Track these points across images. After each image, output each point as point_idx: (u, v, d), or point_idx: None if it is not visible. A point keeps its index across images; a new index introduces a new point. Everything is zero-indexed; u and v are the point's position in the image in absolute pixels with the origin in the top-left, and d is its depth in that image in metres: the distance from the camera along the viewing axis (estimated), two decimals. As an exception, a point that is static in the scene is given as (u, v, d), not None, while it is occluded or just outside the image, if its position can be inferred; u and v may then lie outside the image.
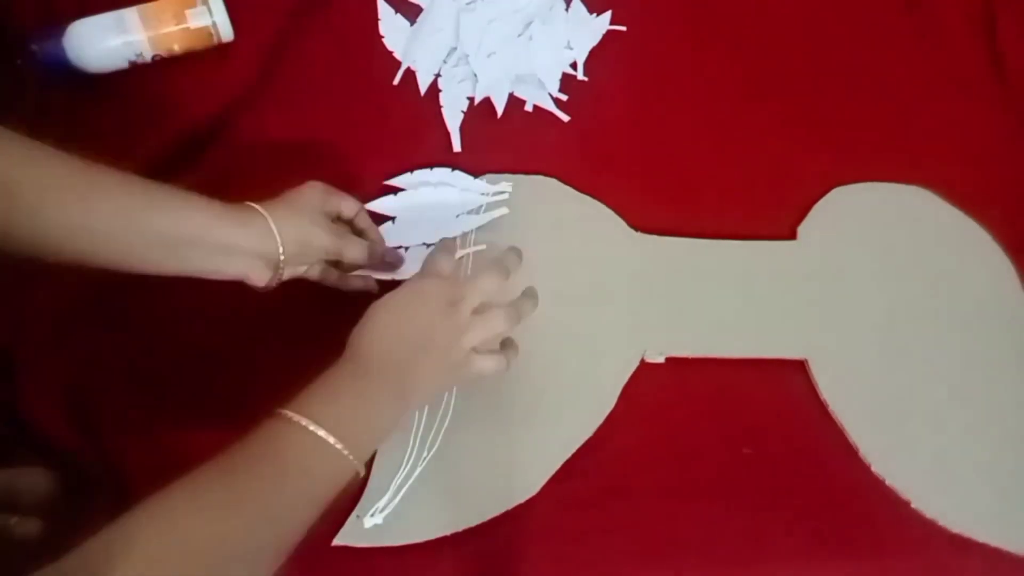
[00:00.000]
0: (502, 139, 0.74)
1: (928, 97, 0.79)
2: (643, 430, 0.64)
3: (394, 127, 0.74)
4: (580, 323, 0.67)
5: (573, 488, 0.61)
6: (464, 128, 0.74)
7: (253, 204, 0.57)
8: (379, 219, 0.69)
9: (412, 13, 0.79)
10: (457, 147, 0.73)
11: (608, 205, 0.71)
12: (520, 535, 0.59)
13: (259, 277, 0.57)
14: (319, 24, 0.78)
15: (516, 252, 0.61)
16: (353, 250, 0.61)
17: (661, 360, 0.66)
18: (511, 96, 0.76)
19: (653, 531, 0.61)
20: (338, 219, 0.63)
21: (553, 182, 0.72)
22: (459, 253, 0.67)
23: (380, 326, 0.53)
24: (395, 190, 0.71)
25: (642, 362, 0.66)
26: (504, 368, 0.57)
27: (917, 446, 0.65)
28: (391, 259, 0.66)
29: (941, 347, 0.68)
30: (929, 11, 0.83)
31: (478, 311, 0.55)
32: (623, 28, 0.81)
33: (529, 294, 0.59)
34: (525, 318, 0.58)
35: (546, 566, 0.59)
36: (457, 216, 0.70)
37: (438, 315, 0.54)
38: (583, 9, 0.81)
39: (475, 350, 0.55)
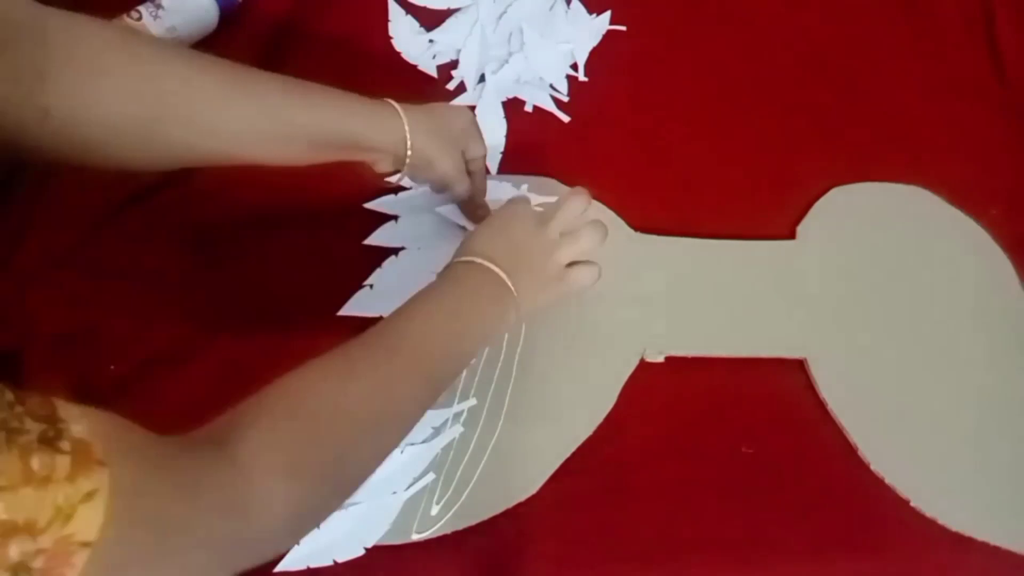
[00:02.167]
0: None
1: (927, 97, 0.79)
2: (643, 430, 0.64)
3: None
4: (580, 323, 0.67)
5: (573, 488, 0.61)
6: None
7: (395, 105, 0.59)
8: (381, 218, 0.69)
9: (422, 15, 0.79)
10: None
11: (608, 205, 0.71)
12: (520, 534, 0.59)
13: (384, 168, 0.61)
14: (326, 20, 0.78)
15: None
16: (462, 188, 0.64)
17: (661, 359, 0.66)
18: (512, 97, 0.76)
19: (653, 531, 0.61)
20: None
21: (553, 182, 0.72)
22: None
23: (478, 244, 0.57)
24: (396, 189, 0.71)
25: (642, 361, 0.66)
26: (598, 276, 0.61)
27: (916, 445, 0.65)
28: (481, 212, 0.68)
29: (940, 346, 0.69)
30: (928, 11, 0.83)
31: (565, 232, 0.59)
32: (623, 28, 0.81)
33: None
34: (605, 239, 0.61)
35: (546, 566, 0.59)
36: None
37: (530, 234, 0.58)
38: (583, 9, 0.81)
39: (567, 266, 0.59)
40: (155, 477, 0.35)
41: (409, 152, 0.59)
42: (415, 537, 0.58)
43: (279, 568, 0.56)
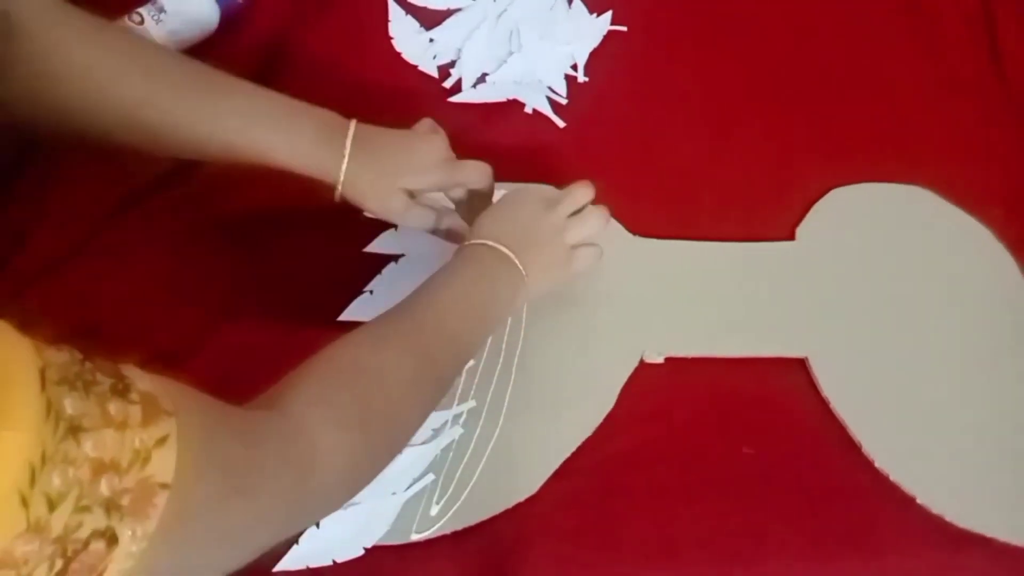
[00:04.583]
0: (501, 142, 0.74)
1: (928, 97, 0.79)
2: (643, 430, 0.64)
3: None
4: (580, 323, 0.67)
5: (573, 488, 0.61)
6: (463, 131, 0.74)
7: (346, 139, 0.57)
8: (381, 225, 0.69)
9: (422, 15, 0.79)
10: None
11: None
12: (520, 535, 0.59)
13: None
14: (326, 21, 0.78)
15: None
16: (419, 222, 0.63)
17: (660, 360, 0.66)
18: (511, 99, 0.76)
19: (653, 531, 0.61)
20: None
21: (550, 190, 0.72)
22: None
23: (487, 227, 0.58)
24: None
25: (641, 362, 0.66)
26: (600, 257, 0.62)
27: (921, 442, 0.65)
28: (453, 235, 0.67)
29: (943, 344, 0.68)
30: (928, 11, 0.83)
31: (572, 215, 0.61)
32: (624, 28, 0.81)
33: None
34: (608, 222, 0.62)
35: (546, 566, 0.59)
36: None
37: (539, 215, 0.60)
38: (584, 9, 0.81)
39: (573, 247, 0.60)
40: (218, 426, 0.37)
41: (339, 194, 0.58)
42: (415, 537, 0.59)
43: (278, 568, 0.56)
